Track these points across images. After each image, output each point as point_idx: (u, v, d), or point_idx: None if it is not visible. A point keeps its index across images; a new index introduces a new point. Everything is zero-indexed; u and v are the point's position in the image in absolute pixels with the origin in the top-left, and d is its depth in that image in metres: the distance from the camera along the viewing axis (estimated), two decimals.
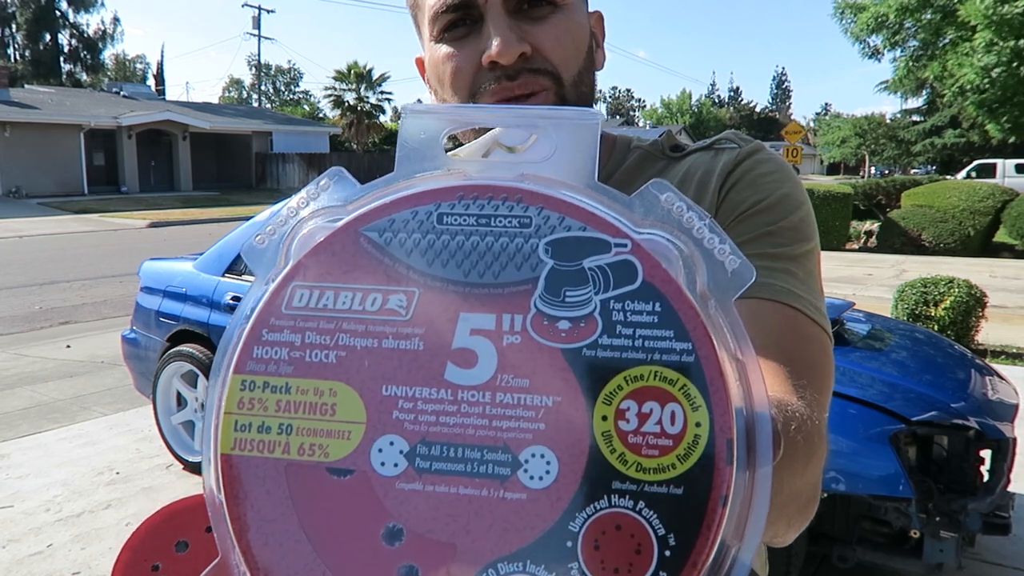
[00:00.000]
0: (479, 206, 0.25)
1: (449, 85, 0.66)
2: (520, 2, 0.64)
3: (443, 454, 0.23)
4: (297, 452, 0.23)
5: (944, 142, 33.27)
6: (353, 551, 0.23)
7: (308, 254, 0.25)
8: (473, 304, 0.24)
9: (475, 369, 0.23)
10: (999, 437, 2.37)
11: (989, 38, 12.75)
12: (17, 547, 2.99)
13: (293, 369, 0.24)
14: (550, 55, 0.64)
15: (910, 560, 2.34)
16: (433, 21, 0.66)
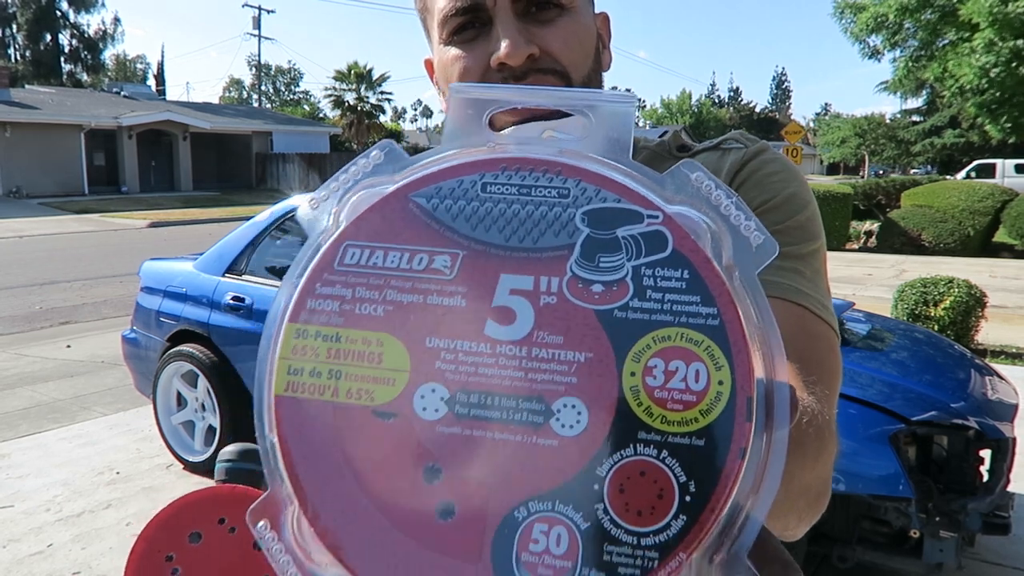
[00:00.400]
0: (520, 177, 0.27)
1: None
2: (528, 5, 0.65)
3: (481, 402, 0.25)
4: (345, 396, 0.26)
5: (944, 142, 33.27)
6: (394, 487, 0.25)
7: (361, 216, 0.28)
8: (513, 266, 0.26)
9: (513, 326, 0.25)
10: (999, 437, 2.37)
11: (989, 38, 12.75)
12: (17, 547, 2.99)
13: (344, 320, 0.27)
14: (558, 56, 0.65)
15: (910, 560, 2.34)
16: (442, 25, 0.67)
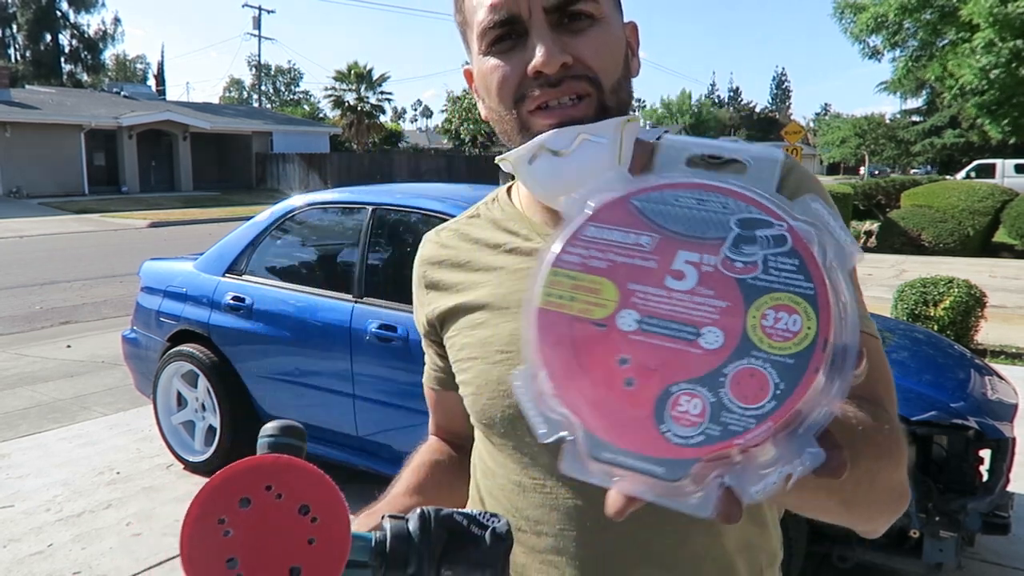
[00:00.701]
0: (700, 194, 0.43)
1: (496, 93, 0.71)
2: (561, 16, 0.68)
3: (658, 324, 0.40)
4: (576, 311, 0.42)
5: (944, 142, 33.26)
6: (598, 369, 0.41)
7: (599, 208, 0.44)
8: (687, 246, 0.41)
9: (683, 281, 0.41)
10: (998, 437, 2.37)
11: (989, 38, 12.75)
12: (18, 547, 2.99)
13: (581, 268, 0.43)
14: (590, 64, 0.69)
15: (910, 560, 2.35)
16: (481, 36, 0.71)
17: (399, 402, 3.04)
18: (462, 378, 0.80)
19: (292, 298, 3.38)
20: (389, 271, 3.38)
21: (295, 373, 3.34)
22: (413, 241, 3.56)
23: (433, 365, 0.89)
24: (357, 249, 3.31)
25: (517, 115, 0.70)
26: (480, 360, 0.76)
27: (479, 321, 0.78)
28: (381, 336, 3.03)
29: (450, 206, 3.11)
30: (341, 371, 3.16)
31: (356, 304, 3.18)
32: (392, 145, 42.18)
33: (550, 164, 0.69)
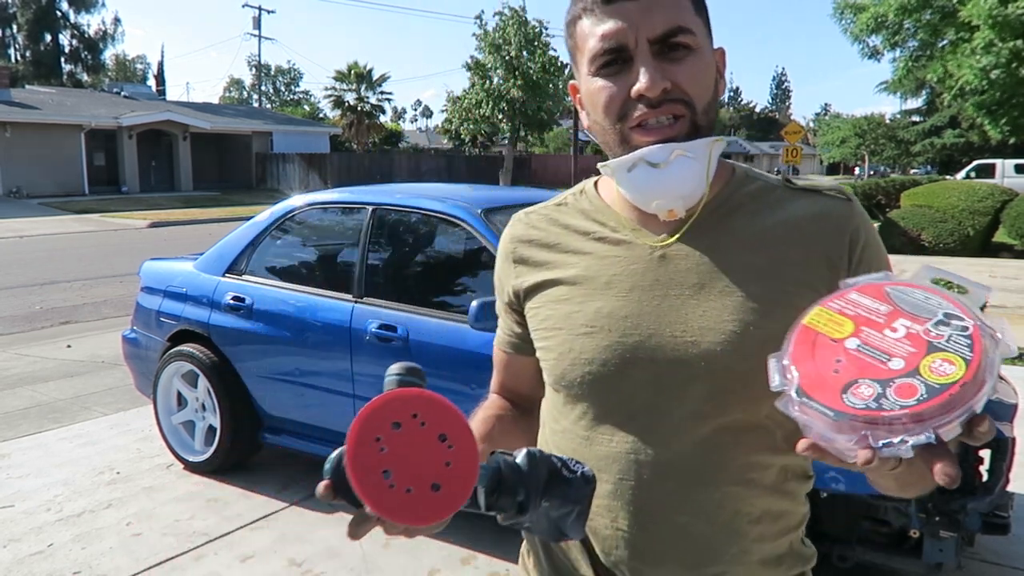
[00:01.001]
0: (928, 295, 0.64)
1: (602, 109, 0.82)
2: (663, 47, 0.79)
3: (869, 350, 0.62)
4: (823, 330, 0.65)
5: (943, 142, 33.24)
6: (822, 360, 0.63)
7: (863, 285, 0.67)
8: (907, 316, 0.63)
9: (895, 333, 0.62)
10: (998, 437, 2.37)
11: (989, 39, 12.74)
12: (18, 547, 2.99)
13: (838, 311, 0.66)
14: (687, 89, 0.79)
15: (910, 560, 2.35)
16: (592, 60, 0.82)
17: None
18: (544, 344, 0.90)
19: (292, 298, 3.38)
20: (389, 271, 3.38)
21: (295, 373, 3.34)
22: (413, 241, 3.56)
23: (509, 331, 0.99)
24: (357, 249, 3.31)
25: (619, 130, 0.81)
26: (565, 331, 0.87)
27: (564, 297, 0.88)
28: (381, 336, 3.03)
29: (450, 206, 3.11)
30: (341, 371, 3.16)
31: (356, 304, 3.18)
32: (392, 145, 42.17)
33: (647, 174, 0.80)
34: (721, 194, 0.87)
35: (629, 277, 0.85)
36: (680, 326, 0.82)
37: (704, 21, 0.83)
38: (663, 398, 0.82)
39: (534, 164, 37.74)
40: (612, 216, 0.89)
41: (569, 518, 0.72)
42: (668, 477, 0.82)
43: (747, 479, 0.82)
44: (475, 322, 2.62)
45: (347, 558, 2.88)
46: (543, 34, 28.82)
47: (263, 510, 3.28)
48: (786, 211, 0.85)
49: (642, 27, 0.78)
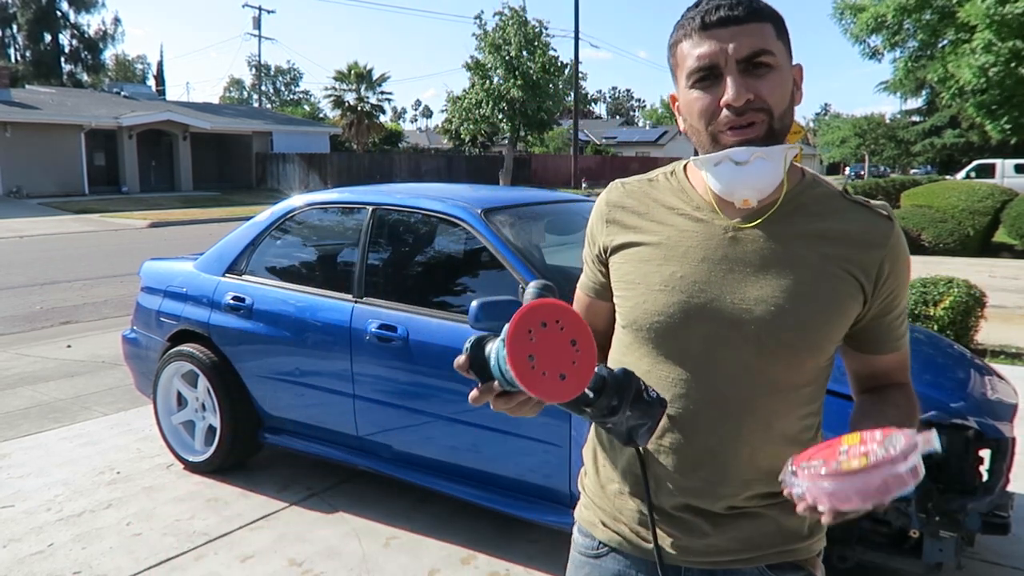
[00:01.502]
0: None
1: (697, 116, 1.00)
2: (748, 65, 0.96)
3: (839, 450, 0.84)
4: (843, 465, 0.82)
5: (943, 142, 33.22)
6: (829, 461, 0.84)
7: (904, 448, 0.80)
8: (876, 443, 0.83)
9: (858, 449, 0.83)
10: (998, 437, 2.37)
11: (988, 38, 12.73)
12: (18, 546, 2.99)
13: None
14: (767, 99, 0.97)
15: (909, 560, 2.34)
16: (689, 75, 0.99)
17: (399, 402, 3.04)
18: (622, 294, 1.09)
19: (292, 298, 3.38)
20: (389, 271, 3.38)
21: (295, 373, 3.34)
22: (413, 241, 3.56)
23: (594, 279, 1.17)
24: (357, 249, 3.31)
25: (710, 132, 0.99)
26: (643, 286, 1.05)
27: (646, 258, 1.06)
28: (381, 336, 3.03)
29: (450, 206, 3.11)
30: (341, 371, 3.16)
31: (356, 304, 3.18)
32: (392, 145, 42.16)
33: (731, 170, 0.98)
34: (790, 193, 1.04)
35: (703, 250, 1.03)
36: (739, 296, 1.00)
37: (785, 43, 1.01)
38: (716, 351, 1.01)
39: (534, 164, 37.72)
40: (696, 197, 1.07)
41: (642, 428, 0.92)
42: (708, 413, 1.02)
43: (770, 424, 1.02)
44: (475, 322, 2.62)
45: (347, 558, 2.88)
46: (543, 34, 28.81)
47: (263, 510, 3.28)
48: (839, 219, 1.03)
49: (731, 50, 0.96)
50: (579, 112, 33.30)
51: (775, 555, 1.06)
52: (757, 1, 0.99)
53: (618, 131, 58.19)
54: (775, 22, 1.00)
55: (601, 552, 1.13)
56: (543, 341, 0.83)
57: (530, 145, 36.47)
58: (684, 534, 1.05)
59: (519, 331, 0.83)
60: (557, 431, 2.63)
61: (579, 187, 30.02)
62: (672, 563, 1.06)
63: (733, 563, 1.06)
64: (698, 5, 1.01)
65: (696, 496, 1.04)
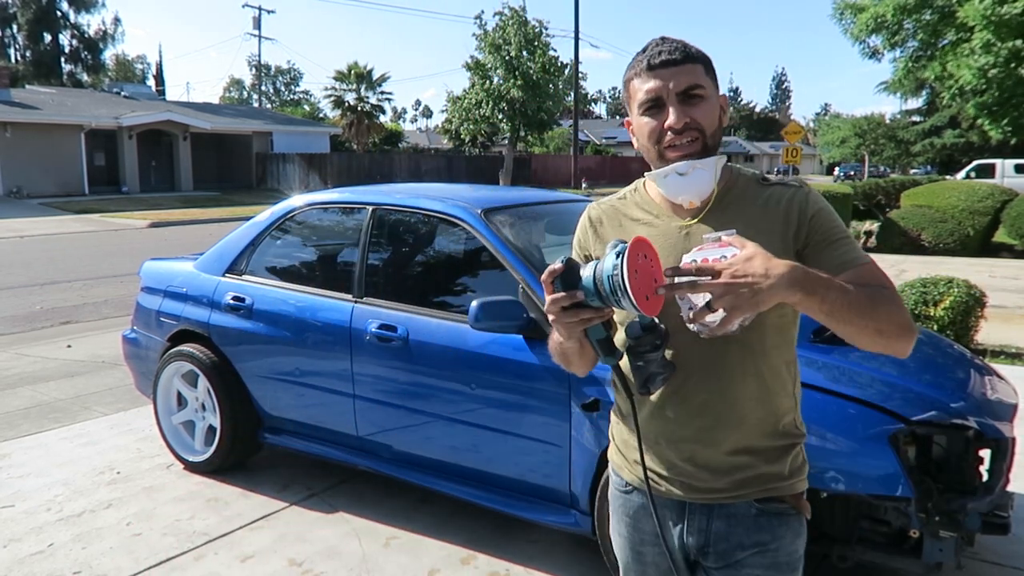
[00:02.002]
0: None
1: (646, 137, 1.28)
2: (684, 96, 1.24)
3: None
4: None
5: (943, 142, 33.22)
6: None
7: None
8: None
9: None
10: (998, 437, 2.37)
11: (988, 39, 12.73)
12: (18, 546, 2.99)
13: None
14: (700, 122, 1.25)
15: (909, 560, 2.34)
16: (640, 105, 1.27)
17: (399, 402, 3.04)
18: None
19: (292, 298, 3.38)
20: (389, 271, 3.38)
21: (295, 373, 3.34)
22: (413, 241, 3.56)
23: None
24: (357, 249, 3.31)
25: (657, 150, 1.27)
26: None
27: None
28: (381, 336, 3.03)
29: (450, 206, 3.11)
30: (341, 371, 3.16)
31: (356, 304, 3.18)
32: (392, 145, 42.15)
33: (676, 180, 1.25)
34: (723, 190, 1.31)
35: (663, 248, 1.24)
36: None
37: (712, 79, 1.29)
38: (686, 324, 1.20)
39: (534, 164, 37.71)
40: (654, 206, 1.35)
41: (659, 377, 1.18)
42: (693, 372, 1.27)
43: (740, 373, 1.27)
44: (475, 322, 2.62)
45: (347, 558, 2.88)
46: (543, 34, 28.81)
47: (263, 510, 3.28)
48: (763, 198, 1.31)
49: (672, 85, 1.24)
50: (579, 112, 33.29)
51: (760, 492, 1.31)
52: (689, 48, 1.27)
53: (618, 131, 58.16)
54: (704, 63, 1.28)
55: (627, 490, 1.42)
56: (643, 267, 1.09)
57: (530, 145, 36.46)
58: (688, 479, 1.31)
59: (634, 251, 1.08)
60: (557, 431, 2.63)
61: (579, 187, 30.01)
62: (679, 500, 1.34)
63: (727, 499, 1.31)
64: (645, 51, 1.28)
65: (697, 443, 1.29)
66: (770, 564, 1.31)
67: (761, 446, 1.29)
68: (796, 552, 1.34)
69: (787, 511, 1.33)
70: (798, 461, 1.34)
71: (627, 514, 1.43)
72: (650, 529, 1.38)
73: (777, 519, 1.32)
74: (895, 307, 1.18)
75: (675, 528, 1.35)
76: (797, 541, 1.34)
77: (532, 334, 2.69)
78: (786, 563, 1.32)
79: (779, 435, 1.31)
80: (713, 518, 1.32)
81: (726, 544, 1.31)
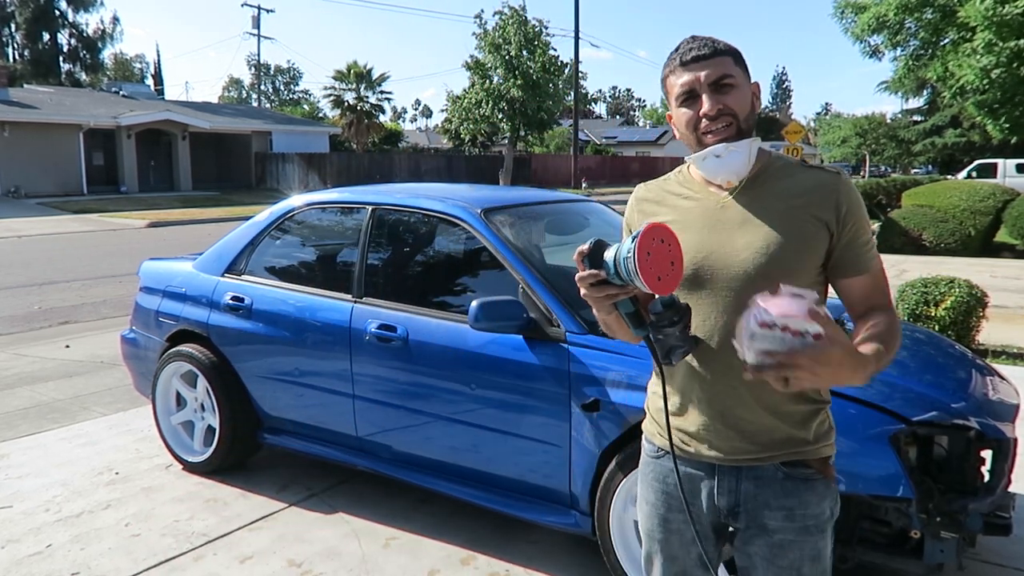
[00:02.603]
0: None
1: (685, 126, 1.39)
2: (717, 86, 1.35)
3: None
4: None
5: (945, 142, 33.19)
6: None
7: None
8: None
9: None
10: (1000, 437, 2.36)
11: (989, 39, 12.72)
12: (16, 547, 2.98)
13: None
14: (732, 107, 1.36)
15: (910, 560, 2.33)
16: (677, 98, 1.40)
17: (399, 402, 3.03)
18: None
19: (291, 298, 3.37)
20: (389, 271, 3.37)
21: (295, 373, 3.34)
22: (413, 241, 3.55)
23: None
24: (357, 249, 3.30)
25: (695, 137, 1.38)
26: None
27: None
28: (381, 336, 3.02)
29: (450, 206, 3.10)
30: (341, 371, 3.15)
31: (356, 304, 3.17)
32: (392, 145, 42.14)
33: (713, 162, 1.37)
34: (759, 170, 1.41)
35: (702, 219, 1.40)
36: (730, 246, 1.37)
37: (743, 68, 1.40)
38: (720, 288, 1.36)
39: (534, 164, 37.69)
40: (695, 184, 1.46)
41: (679, 350, 1.30)
42: (723, 332, 1.35)
43: None
44: (475, 322, 2.61)
45: (347, 558, 2.87)
46: (543, 33, 28.80)
47: (262, 510, 3.27)
48: (798, 180, 1.40)
49: (703, 77, 1.36)
50: (579, 112, 33.28)
51: (786, 455, 1.39)
52: (718, 43, 1.39)
53: (618, 131, 58.18)
54: (733, 55, 1.40)
55: (659, 455, 1.51)
56: (657, 250, 1.20)
57: (530, 145, 36.46)
58: (719, 440, 1.40)
59: (647, 235, 1.19)
60: (557, 431, 2.62)
61: (579, 187, 30.01)
62: (708, 461, 1.42)
63: (754, 461, 1.39)
64: (678, 49, 1.41)
65: (728, 401, 1.38)
66: (799, 528, 1.38)
67: (786, 410, 1.37)
68: (823, 514, 1.40)
69: (813, 476, 1.39)
70: (824, 427, 1.41)
71: (657, 479, 1.50)
72: (679, 495, 1.45)
73: (804, 484, 1.38)
74: (897, 336, 1.31)
75: (705, 490, 1.43)
76: (823, 503, 1.40)
77: (532, 334, 2.68)
78: (814, 525, 1.39)
79: (803, 400, 1.38)
80: (742, 479, 1.40)
81: (754, 503, 1.39)
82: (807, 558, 1.39)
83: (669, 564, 1.50)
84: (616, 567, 2.57)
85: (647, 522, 1.53)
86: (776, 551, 1.39)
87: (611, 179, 40.43)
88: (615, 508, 2.52)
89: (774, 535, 1.38)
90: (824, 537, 1.41)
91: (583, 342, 2.60)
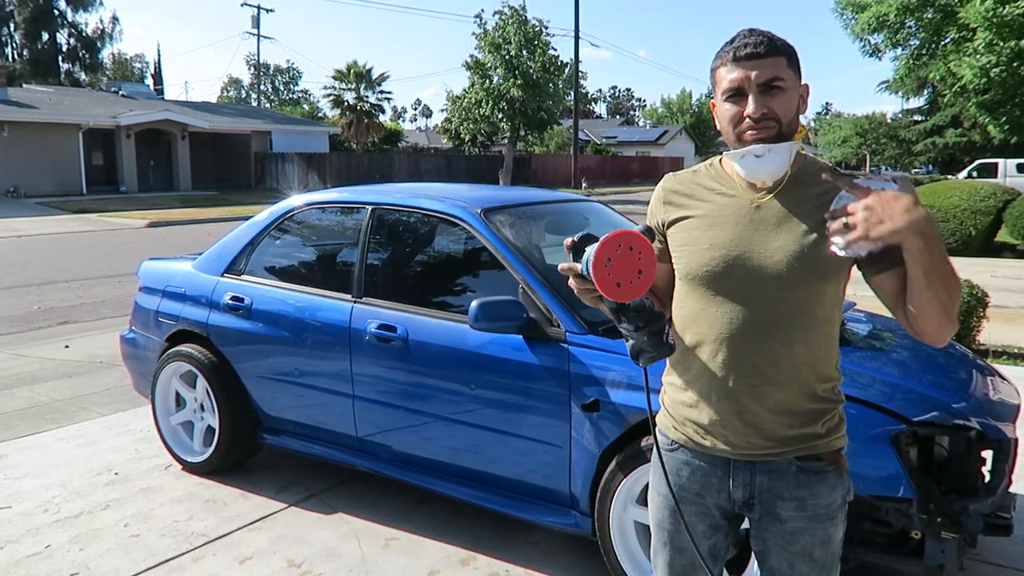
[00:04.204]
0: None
1: (727, 122, 1.39)
2: (765, 87, 1.34)
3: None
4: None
5: (945, 141, 33.19)
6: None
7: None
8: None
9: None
10: (1000, 438, 2.36)
11: (990, 38, 12.71)
12: (15, 548, 2.98)
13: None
14: (777, 112, 1.35)
15: (911, 561, 2.33)
16: (723, 92, 1.38)
17: (398, 402, 3.02)
18: (679, 255, 1.46)
19: (291, 298, 3.37)
20: (389, 271, 3.36)
21: (294, 373, 3.33)
22: (413, 241, 3.55)
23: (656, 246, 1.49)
24: (356, 249, 3.29)
25: (736, 133, 1.38)
26: (694, 246, 1.43)
27: (695, 226, 1.45)
28: (380, 336, 3.02)
29: (450, 206, 3.09)
30: (340, 371, 3.15)
31: (355, 304, 3.17)
32: (392, 145, 42.12)
33: (752, 161, 1.36)
34: (796, 173, 1.41)
35: (735, 217, 1.41)
36: (763, 247, 1.37)
37: (795, 71, 1.39)
38: (749, 288, 1.37)
39: (534, 164, 37.68)
40: (729, 181, 1.45)
41: (646, 355, 1.31)
42: (748, 332, 1.38)
43: (791, 337, 1.37)
44: (475, 322, 2.61)
45: (346, 559, 2.87)
46: (543, 33, 28.78)
47: (262, 511, 3.27)
48: (831, 186, 1.36)
49: (753, 76, 1.34)
50: (579, 112, 33.28)
51: (799, 450, 1.41)
52: (774, 41, 1.36)
53: (618, 131, 58.18)
54: (788, 56, 1.37)
55: (673, 448, 1.52)
56: (621, 257, 1.20)
57: (530, 145, 36.45)
58: (735, 436, 1.42)
59: (611, 241, 1.20)
60: (557, 432, 2.61)
61: (579, 187, 30.01)
62: (724, 456, 1.45)
63: (768, 456, 1.42)
64: (733, 41, 1.38)
65: (746, 398, 1.39)
66: (810, 517, 1.42)
67: (802, 408, 1.40)
68: (834, 503, 1.44)
69: (825, 468, 1.43)
70: (834, 421, 1.44)
71: (670, 471, 1.52)
72: (691, 487, 1.49)
73: (816, 476, 1.42)
74: (958, 297, 1.33)
75: (718, 483, 1.46)
76: (834, 493, 1.44)
77: (532, 334, 2.67)
78: (825, 514, 1.43)
79: (818, 399, 1.41)
80: (756, 473, 1.43)
81: (768, 495, 1.43)
82: (818, 543, 1.43)
83: (678, 555, 1.52)
84: (616, 567, 2.56)
85: (658, 513, 1.55)
86: (788, 538, 1.43)
87: (611, 179, 40.42)
88: (615, 508, 2.51)
89: (787, 523, 1.42)
90: (835, 523, 1.45)
91: (583, 342, 2.59)
